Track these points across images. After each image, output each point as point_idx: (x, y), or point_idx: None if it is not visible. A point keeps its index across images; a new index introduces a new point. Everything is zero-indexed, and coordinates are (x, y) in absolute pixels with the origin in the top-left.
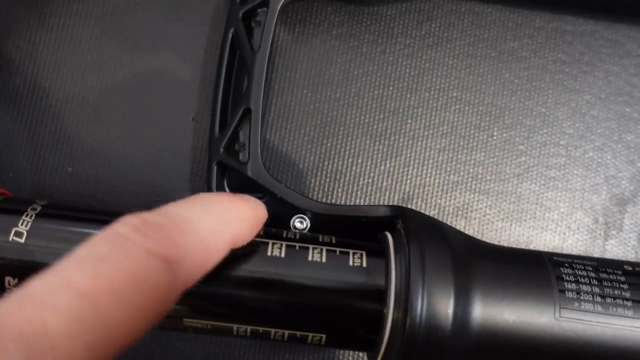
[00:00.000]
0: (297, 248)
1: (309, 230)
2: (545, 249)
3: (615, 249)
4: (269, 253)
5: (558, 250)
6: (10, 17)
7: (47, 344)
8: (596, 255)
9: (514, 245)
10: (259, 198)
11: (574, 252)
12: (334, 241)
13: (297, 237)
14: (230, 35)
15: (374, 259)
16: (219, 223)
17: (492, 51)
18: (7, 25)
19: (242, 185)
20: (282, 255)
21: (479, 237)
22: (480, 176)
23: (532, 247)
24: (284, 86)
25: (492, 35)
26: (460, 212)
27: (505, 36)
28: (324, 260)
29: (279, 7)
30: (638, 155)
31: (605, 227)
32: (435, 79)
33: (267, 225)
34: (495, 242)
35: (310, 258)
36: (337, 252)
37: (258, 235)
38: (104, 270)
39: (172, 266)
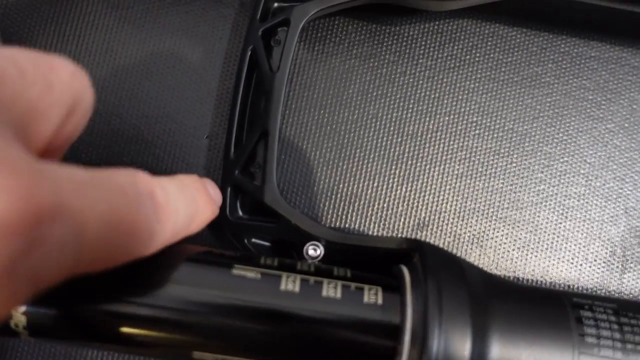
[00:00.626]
0: (311, 282)
1: (322, 257)
2: (561, 281)
3: (633, 283)
4: (282, 287)
5: (574, 283)
6: (19, 28)
7: (81, 232)
8: (613, 288)
9: (529, 277)
10: (274, 222)
11: (590, 284)
12: (349, 275)
13: (312, 269)
14: (248, 53)
15: (389, 294)
16: (189, 218)
17: (515, 76)
18: (15, 41)
19: (256, 207)
20: (296, 289)
21: (494, 266)
22: (497, 204)
23: (548, 278)
24: (300, 105)
25: (515, 59)
26: (476, 240)
27: (529, 60)
28: (338, 296)
29: (300, 27)
30: None
31: (623, 260)
32: (456, 102)
33: (280, 250)
34: (511, 272)
35: (324, 293)
36: (352, 288)
37: (272, 267)
38: (129, 214)
39: (152, 239)
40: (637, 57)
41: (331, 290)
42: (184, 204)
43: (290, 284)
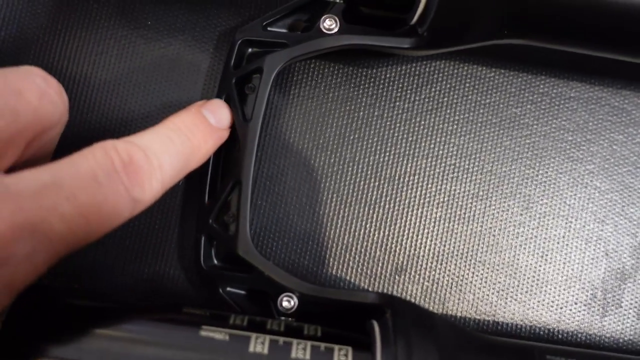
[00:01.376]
0: (280, 343)
1: (297, 308)
2: (541, 325)
3: (613, 326)
4: (251, 349)
5: (554, 326)
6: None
7: (44, 235)
8: (594, 332)
9: (509, 320)
10: (248, 272)
11: (571, 327)
12: (319, 334)
13: (282, 328)
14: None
15: (360, 354)
16: (181, 168)
17: (493, 117)
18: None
19: (230, 256)
20: (265, 351)
21: (473, 310)
22: (476, 247)
23: (527, 322)
24: (277, 149)
25: (493, 100)
26: (454, 285)
27: (508, 102)
28: (307, 357)
29: (273, 75)
30: (639, 230)
31: (604, 303)
32: (433, 145)
33: (256, 299)
34: (490, 316)
35: (293, 355)
36: (322, 348)
37: (241, 328)
38: (98, 198)
39: (135, 205)
40: (617, 96)
41: (300, 351)
42: (172, 155)
43: (259, 345)
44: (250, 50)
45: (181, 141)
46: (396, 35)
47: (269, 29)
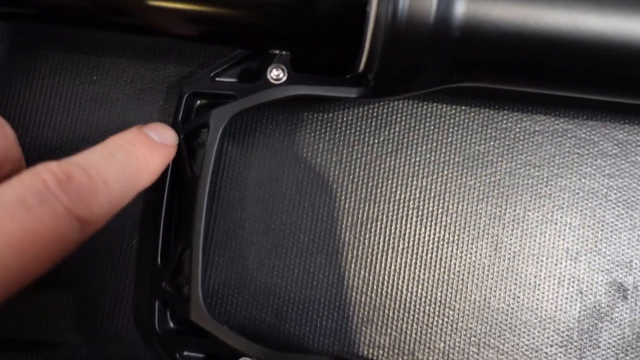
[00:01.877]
0: None
1: None
2: None
3: None
4: None
5: None
6: None
7: None
8: None
9: None
10: (203, 337)
11: None
12: None
13: None
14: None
15: None
16: (129, 185)
17: (456, 156)
18: None
19: (186, 320)
20: None
21: None
22: (444, 293)
23: None
24: (232, 202)
25: (455, 139)
26: (423, 334)
27: (470, 139)
28: None
29: (220, 130)
30: (613, 265)
31: (581, 344)
32: (395, 188)
33: None
34: None
35: None
36: None
37: None
38: (30, 224)
39: (83, 226)
40: (584, 128)
41: None
42: (116, 170)
43: None
44: (199, 102)
45: (124, 156)
46: (344, 84)
47: (217, 79)
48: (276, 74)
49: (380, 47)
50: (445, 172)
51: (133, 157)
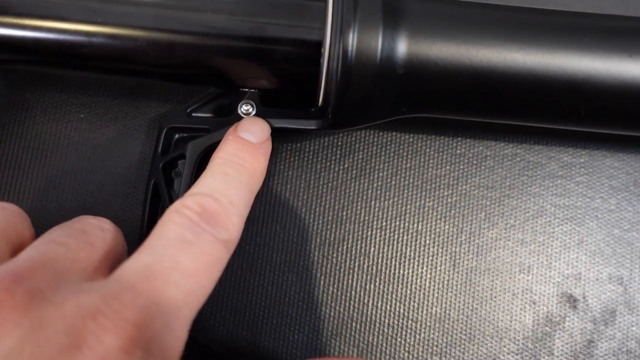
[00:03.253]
0: None
1: None
2: None
3: None
4: None
5: None
6: None
7: (170, 307)
8: None
9: None
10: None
11: None
12: None
13: None
14: (150, 187)
15: None
16: (249, 193)
17: (415, 180)
18: None
19: None
20: None
21: None
22: (407, 307)
23: None
24: None
25: (414, 164)
26: (388, 345)
27: (428, 164)
28: None
29: (195, 160)
30: (564, 276)
31: (535, 352)
32: (359, 210)
33: None
34: None
35: None
36: None
37: None
38: (197, 255)
39: (228, 245)
40: (531, 152)
41: None
42: (234, 186)
43: None
44: (177, 136)
45: (236, 171)
46: (306, 117)
47: (193, 115)
48: (246, 108)
49: (334, 84)
50: (405, 194)
51: (242, 169)
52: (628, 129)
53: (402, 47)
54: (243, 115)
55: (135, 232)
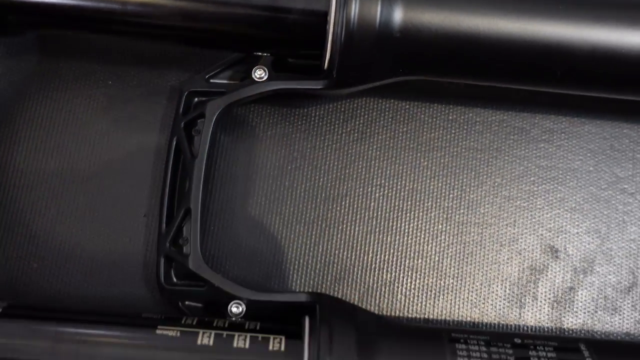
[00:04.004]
0: (224, 336)
1: (245, 313)
2: (467, 319)
3: (530, 316)
4: (199, 342)
5: (478, 320)
6: None
7: None
8: (513, 323)
9: (438, 317)
10: (202, 287)
11: (493, 321)
12: (258, 327)
13: (226, 325)
14: (174, 143)
15: (292, 341)
16: None
17: (411, 142)
18: None
19: (187, 273)
20: (211, 343)
21: (405, 310)
22: (404, 255)
23: (455, 317)
24: (225, 180)
25: (410, 128)
26: (387, 288)
27: (422, 129)
28: (247, 346)
29: (214, 118)
30: (546, 229)
31: (520, 297)
32: (361, 169)
33: (211, 310)
34: (422, 315)
35: (235, 345)
36: (260, 338)
37: (191, 326)
38: None
39: None
40: (517, 118)
41: (241, 342)
42: None
43: (205, 338)
44: (196, 99)
45: None
46: (312, 79)
47: (211, 80)
48: (259, 73)
49: (338, 48)
50: (402, 155)
51: None
52: (599, 90)
53: (399, 14)
54: (257, 79)
55: (158, 185)
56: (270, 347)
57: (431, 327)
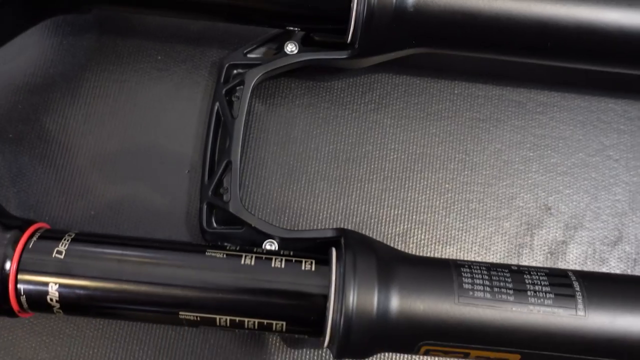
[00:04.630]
0: (263, 258)
1: (277, 250)
2: None
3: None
4: (242, 262)
5: None
6: (48, 98)
7: None
8: None
9: None
10: (239, 229)
11: None
12: (291, 254)
13: (264, 252)
14: (216, 107)
15: (321, 265)
16: None
17: (421, 113)
18: (46, 104)
19: (225, 219)
20: (252, 263)
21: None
22: (415, 210)
23: None
24: (258, 144)
25: (420, 100)
26: (400, 239)
27: (431, 101)
28: (283, 266)
29: (252, 85)
30: (541, 189)
31: (518, 248)
32: (377, 135)
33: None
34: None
35: (273, 265)
36: (293, 261)
37: (235, 251)
38: None
39: None
40: (515, 93)
41: (277, 263)
42: None
43: (248, 260)
44: (235, 71)
45: None
46: (337, 49)
47: (248, 55)
48: (291, 47)
49: (360, 22)
50: (413, 123)
51: None
52: (583, 62)
53: None
54: (288, 53)
55: (200, 145)
56: (303, 267)
57: (441, 258)
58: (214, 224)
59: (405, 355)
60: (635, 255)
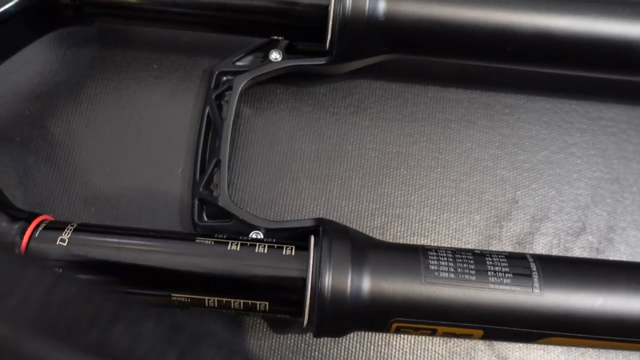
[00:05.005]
0: (248, 245)
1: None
2: None
3: None
4: (228, 248)
5: None
6: (52, 105)
7: None
8: None
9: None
10: (228, 222)
11: None
12: (274, 241)
13: (249, 239)
14: (207, 111)
15: (300, 251)
16: None
17: (397, 115)
18: (50, 110)
19: (215, 213)
20: (238, 249)
21: (400, 239)
22: (392, 204)
23: None
24: (247, 144)
25: (396, 104)
26: (378, 231)
27: (406, 104)
28: (266, 251)
29: (239, 90)
30: (509, 184)
31: (488, 239)
32: (356, 136)
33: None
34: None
35: (257, 250)
36: (275, 247)
37: (222, 239)
38: None
39: None
40: (484, 96)
41: (261, 249)
42: None
43: (233, 246)
44: (224, 78)
45: None
46: (317, 57)
47: (236, 63)
48: (275, 55)
49: (337, 31)
50: (390, 124)
51: None
52: (541, 65)
53: (382, 4)
54: (273, 60)
55: (192, 147)
56: (284, 253)
57: (410, 244)
58: (205, 218)
59: (381, 337)
60: (598, 244)
